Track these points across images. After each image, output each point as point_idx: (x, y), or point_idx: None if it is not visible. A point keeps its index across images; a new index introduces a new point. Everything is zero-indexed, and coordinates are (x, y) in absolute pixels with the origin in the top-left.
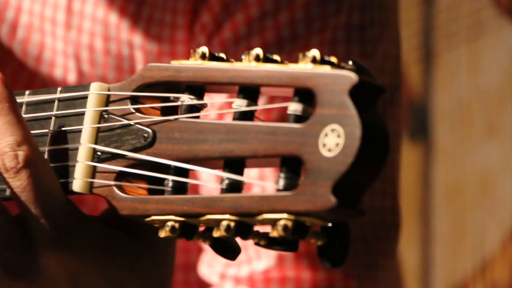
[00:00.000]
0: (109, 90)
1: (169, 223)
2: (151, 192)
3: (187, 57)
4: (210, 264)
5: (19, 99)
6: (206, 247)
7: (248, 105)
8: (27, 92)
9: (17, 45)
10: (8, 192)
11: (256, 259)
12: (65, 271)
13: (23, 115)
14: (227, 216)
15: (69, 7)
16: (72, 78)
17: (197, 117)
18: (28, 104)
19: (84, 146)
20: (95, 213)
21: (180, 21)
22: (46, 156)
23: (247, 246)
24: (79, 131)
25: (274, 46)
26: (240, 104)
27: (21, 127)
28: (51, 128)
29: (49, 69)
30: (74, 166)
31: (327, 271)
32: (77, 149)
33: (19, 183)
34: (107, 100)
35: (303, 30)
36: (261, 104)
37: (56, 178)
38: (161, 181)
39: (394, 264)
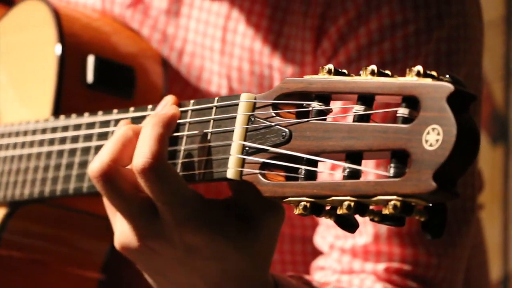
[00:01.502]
0: (255, 99)
1: (302, 203)
2: (288, 179)
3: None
4: (322, 236)
5: (185, 108)
6: (320, 221)
7: (365, 109)
8: (192, 101)
9: (182, 68)
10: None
11: (358, 235)
12: (180, 241)
13: (189, 119)
14: (348, 198)
15: (224, 38)
16: (224, 93)
17: (325, 119)
18: (193, 110)
19: (236, 142)
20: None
21: (307, 48)
22: (206, 151)
23: None
24: (232, 131)
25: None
26: (358, 109)
27: (159, 142)
28: (210, 128)
29: (207, 86)
30: (227, 158)
31: (414, 248)
32: (230, 145)
33: (147, 182)
34: (254, 107)
35: (402, 55)
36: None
37: (178, 179)
38: (295, 170)
39: (470, 243)
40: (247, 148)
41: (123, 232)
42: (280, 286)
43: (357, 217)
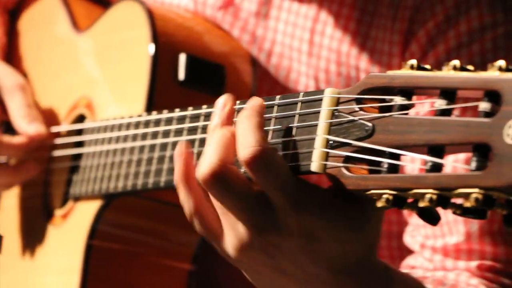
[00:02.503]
0: (339, 94)
1: (385, 196)
2: (370, 172)
3: None
4: (412, 235)
5: (271, 101)
6: (410, 220)
7: (447, 104)
8: (277, 96)
9: (271, 68)
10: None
11: (448, 234)
12: (299, 227)
13: (275, 114)
14: (430, 191)
15: (311, 40)
16: None
17: (407, 114)
18: (279, 105)
19: (320, 136)
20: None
21: (395, 51)
22: (291, 144)
23: (442, 223)
24: (316, 125)
25: None
26: (441, 104)
27: (259, 130)
28: (295, 123)
29: (294, 86)
30: (311, 152)
31: (506, 246)
32: (314, 139)
33: (255, 171)
34: (338, 101)
35: (491, 57)
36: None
37: (284, 161)
38: (378, 163)
39: None
40: (331, 142)
41: (238, 236)
42: (391, 271)
43: (449, 216)
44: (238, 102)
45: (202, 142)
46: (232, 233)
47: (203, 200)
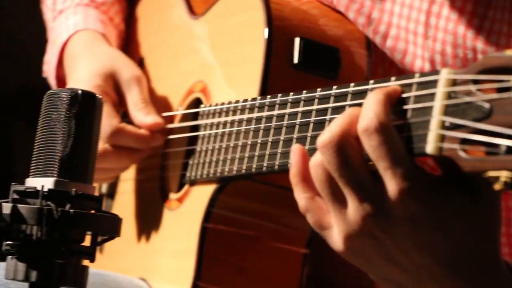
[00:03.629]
0: (455, 75)
1: (503, 178)
2: (487, 154)
3: None
4: None
5: (385, 83)
6: None
7: None
8: (392, 78)
9: (386, 51)
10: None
11: None
12: (406, 213)
13: None
14: None
15: (427, 22)
16: None
17: None
18: None
19: (436, 118)
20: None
21: None
22: (406, 126)
23: None
24: (431, 107)
25: None
26: None
27: (381, 105)
28: (411, 104)
29: (410, 69)
30: (427, 134)
31: None
32: (429, 120)
33: (371, 143)
34: (454, 82)
35: None
36: None
37: (401, 141)
38: (495, 145)
39: None
40: (447, 124)
41: (348, 223)
42: None
43: None
44: (352, 84)
45: (316, 125)
46: (342, 222)
47: (316, 196)
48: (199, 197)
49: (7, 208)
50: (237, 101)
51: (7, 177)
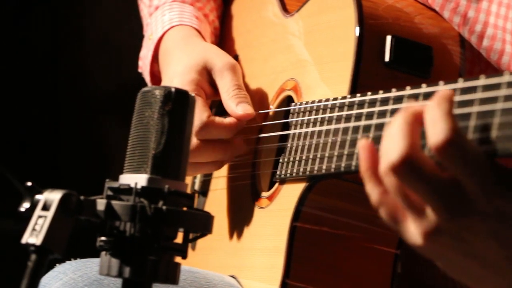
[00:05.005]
0: None
1: None
2: None
3: None
4: None
5: (474, 84)
6: None
7: None
8: (481, 76)
9: (482, 51)
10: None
11: None
12: (490, 210)
13: (480, 95)
14: None
15: None
16: None
17: None
18: (484, 86)
19: None
20: None
21: None
22: (496, 126)
23: None
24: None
25: None
26: None
27: (452, 117)
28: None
29: (506, 69)
30: None
31: None
32: None
33: (446, 159)
34: None
35: None
36: None
37: (477, 148)
38: None
39: None
40: None
41: (427, 222)
42: None
43: None
44: (442, 82)
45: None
46: (419, 220)
47: (387, 189)
48: (289, 195)
49: (101, 204)
50: (327, 99)
51: (101, 173)
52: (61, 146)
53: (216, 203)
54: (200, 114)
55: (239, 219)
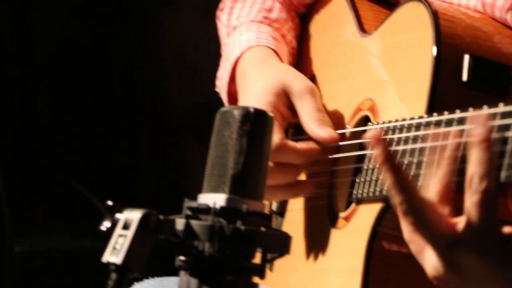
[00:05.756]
0: None
1: None
2: None
3: None
4: None
5: None
6: None
7: None
8: None
9: None
10: None
11: None
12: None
13: None
14: None
15: None
16: None
17: None
18: None
19: None
20: None
21: None
22: None
23: None
24: None
25: None
26: None
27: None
28: None
29: None
30: None
31: None
32: None
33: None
34: None
35: None
36: None
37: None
38: None
39: None
40: None
41: (432, 263)
42: None
43: None
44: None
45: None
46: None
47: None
48: (366, 216)
49: (180, 224)
50: (404, 119)
51: (179, 192)
52: (140, 165)
53: (293, 223)
54: (274, 136)
55: (316, 239)
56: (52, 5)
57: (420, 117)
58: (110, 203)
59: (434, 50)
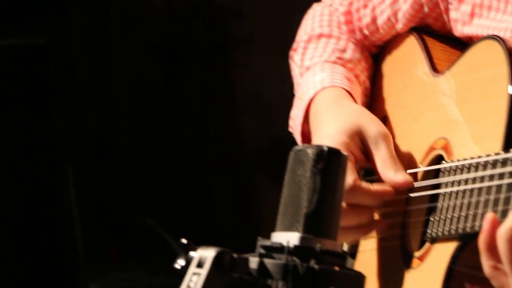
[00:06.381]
0: None
1: None
2: None
3: None
4: None
5: None
6: None
7: None
8: None
9: None
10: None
11: None
12: None
13: None
14: None
15: None
16: None
17: None
18: None
19: None
20: None
21: None
22: None
23: None
24: None
25: None
26: None
27: None
28: None
29: None
30: None
31: None
32: None
33: None
34: None
35: None
36: None
37: None
38: None
39: None
40: None
41: None
42: None
43: None
44: None
45: None
46: None
47: (499, 263)
48: (441, 254)
49: (254, 262)
50: (479, 156)
51: (252, 230)
52: (214, 203)
53: (365, 265)
54: (347, 177)
55: (390, 280)
56: (129, 43)
57: (497, 154)
58: (184, 241)
59: (510, 88)
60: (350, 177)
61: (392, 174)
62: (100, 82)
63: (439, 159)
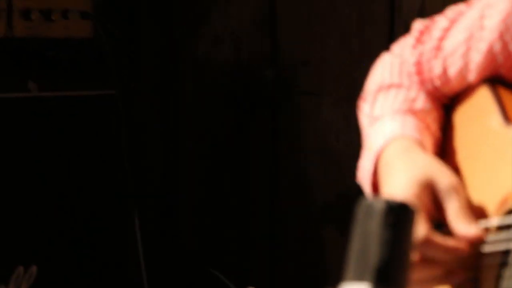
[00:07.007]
0: None
1: None
2: None
3: None
4: None
5: None
6: None
7: None
8: None
9: None
10: None
11: None
12: None
13: None
14: None
15: None
16: None
17: None
18: None
19: None
20: None
21: None
22: None
23: None
24: None
25: None
26: None
27: None
28: None
29: None
30: None
31: None
32: None
33: None
34: None
35: None
36: None
37: None
38: None
39: None
40: None
41: None
42: None
43: None
44: None
45: None
46: None
47: None
48: None
49: None
50: None
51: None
52: (280, 254)
53: None
54: (420, 228)
55: None
56: (196, 93)
57: None
58: None
59: None
60: (424, 229)
61: (464, 227)
62: (167, 132)
63: None
